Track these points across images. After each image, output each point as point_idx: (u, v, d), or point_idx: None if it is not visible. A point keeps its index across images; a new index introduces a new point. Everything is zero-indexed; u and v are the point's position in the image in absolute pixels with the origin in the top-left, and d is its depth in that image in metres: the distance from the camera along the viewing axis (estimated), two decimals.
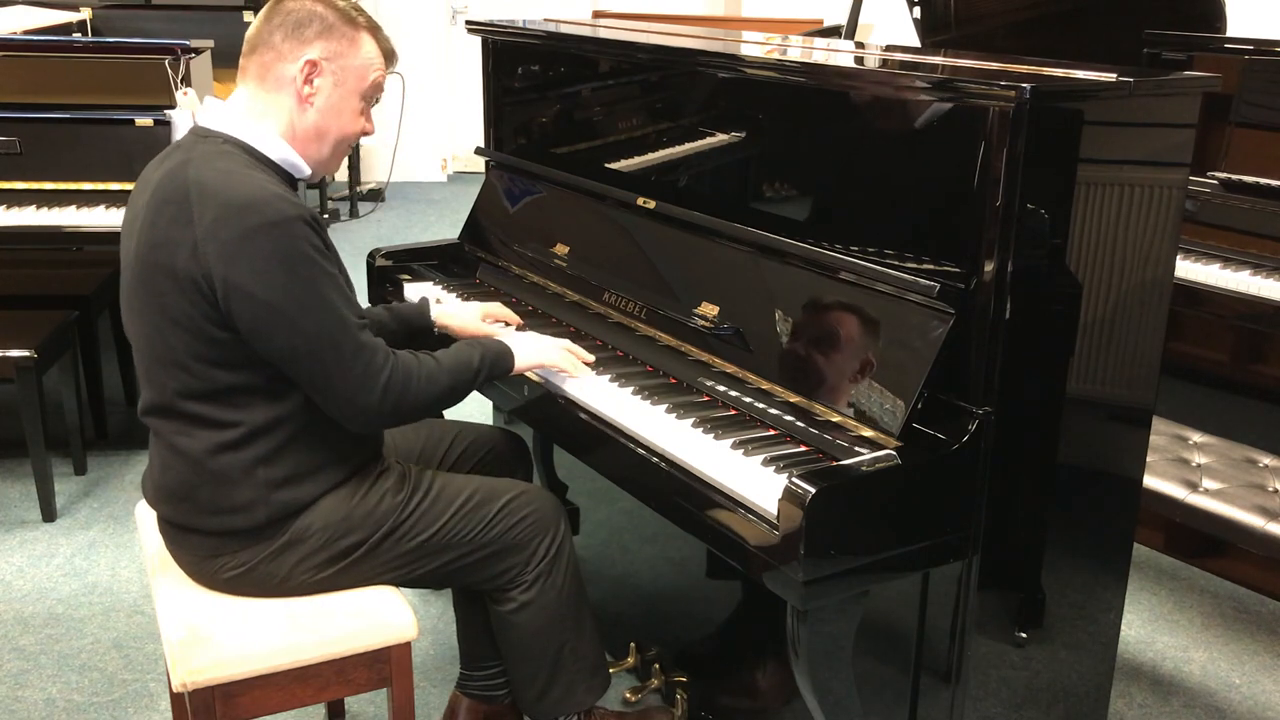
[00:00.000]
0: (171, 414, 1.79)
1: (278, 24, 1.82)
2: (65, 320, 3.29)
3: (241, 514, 1.80)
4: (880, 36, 6.13)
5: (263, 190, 1.70)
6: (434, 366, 1.87)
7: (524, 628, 1.98)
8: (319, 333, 1.71)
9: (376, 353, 1.77)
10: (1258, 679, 2.63)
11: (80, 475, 3.47)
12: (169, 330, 1.74)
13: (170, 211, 1.72)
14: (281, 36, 1.81)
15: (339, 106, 1.86)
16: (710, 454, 1.74)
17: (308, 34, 1.81)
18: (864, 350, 1.75)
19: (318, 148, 1.88)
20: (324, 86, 1.83)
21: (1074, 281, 1.71)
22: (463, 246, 2.70)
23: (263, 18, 1.85)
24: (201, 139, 1.81)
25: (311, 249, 1.70)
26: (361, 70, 1.86)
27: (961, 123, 1.66)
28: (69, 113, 3.41)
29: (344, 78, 1.85)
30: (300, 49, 1.81)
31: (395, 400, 1.79)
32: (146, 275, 1.75)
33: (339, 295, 1.74)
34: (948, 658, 1.77)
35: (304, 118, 1.84)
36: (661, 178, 2.34)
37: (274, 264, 1.67)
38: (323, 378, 1.74)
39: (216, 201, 1.69)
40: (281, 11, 1.83)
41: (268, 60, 1.82)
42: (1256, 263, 2.90)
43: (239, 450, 1.78)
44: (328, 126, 1.86)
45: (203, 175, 1.72)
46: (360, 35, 1.85)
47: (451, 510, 1.92)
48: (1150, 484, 2.34)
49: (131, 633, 2.70)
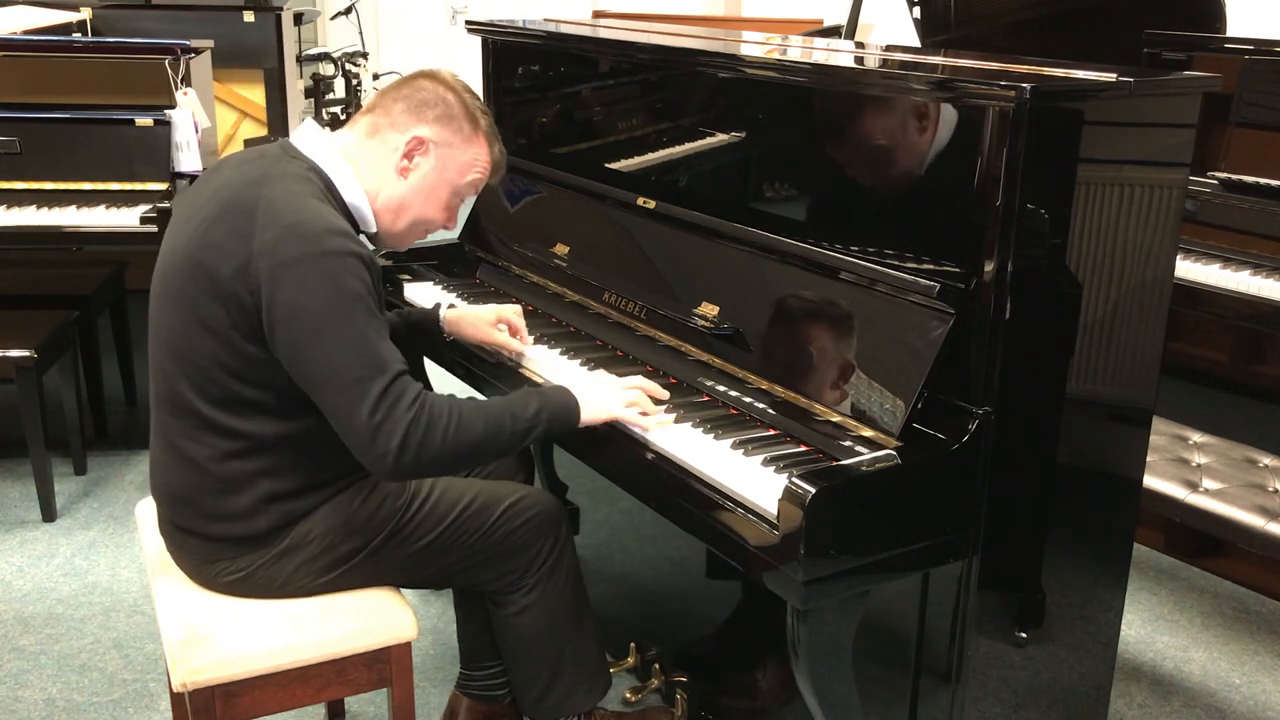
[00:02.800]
0: (180, 412, 1.78)
1: (404, 95, 1.86)
2: (65, 320, 3.29)
3: (243, 521, 1.80)
4: (880, 36, 6.13)
5: (327, 222, 1.70)
6: (471, 413, 1.73)
7: (525, 630, 1.98)
8: (349, 367, 1.66)
9: (404, 398, 1.67)
10: (1258, 679, 2.63)
11: (80, 475, 3.47)
12: (195, 331, 1.72)
13: (232, 219, 1.70)
14: (403, 108, 1.85)
15: (429, 190, 1.88)
16: (710, 454, 1.74)
17: (428, 114, 1.85)
18: (864, 350, 1.75)
19: (393, 219, 1.89)
20: (423, 166, 1.86)
21: (1074, 281, 1.71)
22: (463, 246, 2.70)
23: (395, 84, 1.90)
24: (288, 158, 1.80)
25: (362, 286, 1.68)
26: (465, 166, 1.90)
27: (961, 123, 1.66)
28: (69, 113, 3.41)
29: (445, 166, 1.87)
30: (415, 124, 1.85)
31: (416, 449, 1.67)
32: (188, 271, 1.73)
33: (380, 336, 1.69)
34: (948, 658, 1.77)
35: (393, 186, 1.86)
36: (661, 178, 2.34)
37: (322, 292, 1.65)
38: (346, 412, 1.67)
39: (281, 223, 1.67)
40: (412, 86, 1.87)
41: (380, 123, 1.86)
42: (1256, 263, 2.90)
43: (244, 460, 1.77)
44: (411, 204, 1.88)
45: (275, 194, 1.71)
46: (478, 136, 1.90)
47: (453, 514, 1.91)
48: (1150, 484, 2.34)
49: (131, 633, 2.70)
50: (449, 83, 1.90)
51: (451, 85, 1.90)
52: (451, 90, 1.88)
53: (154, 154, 3.41)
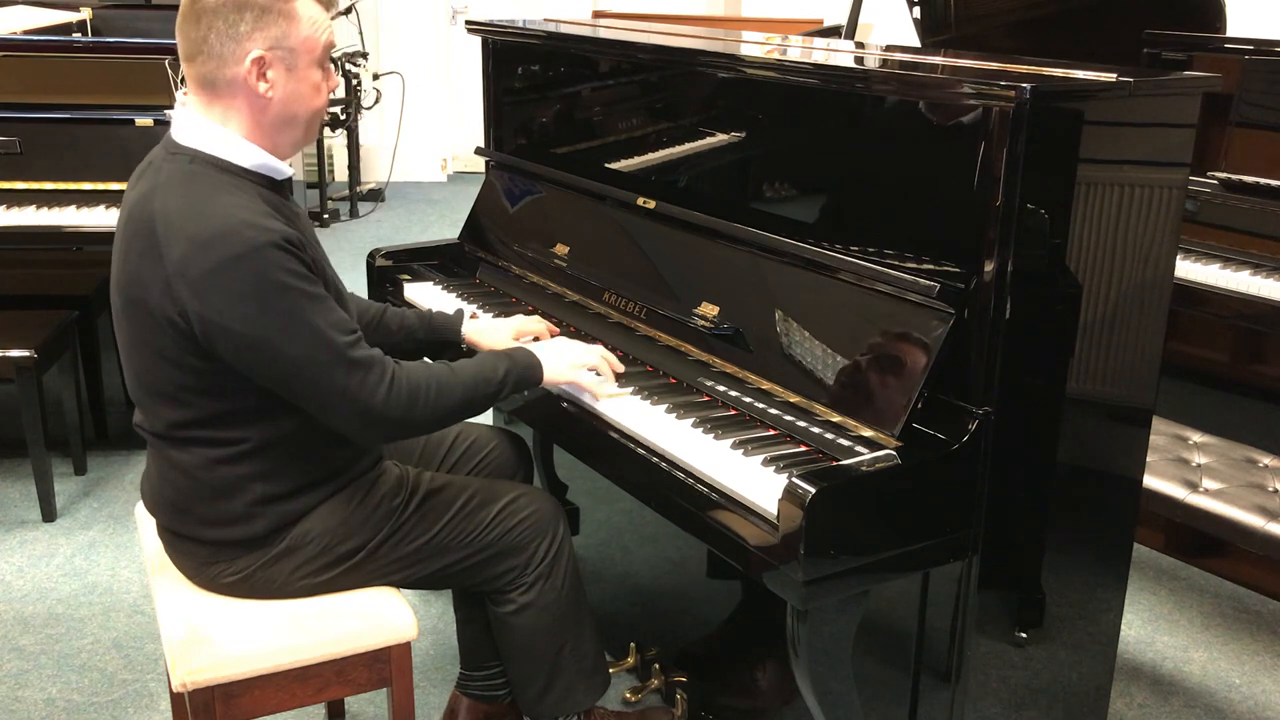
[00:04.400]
0: (163, 429, 1.78)
1: (206, 25, 1.67)
2: (65, 320, 3.29)
3: (239, 525, 1.80)
4: (880, 36, 6.13)
5: (229, 219, 1.62)
6: (447, 377, 1.80)
7: (524, 629, 1.98)
8: (305, 358, 1.65)
9: (371, 368, 1.70)
10: (1258, 679, 2.63)
11: (80, 475, 3.47)
12: (154, 363, 1.71)
13: (139, 246, 1.66)
14: (215, 36, 1.67)
15: (299, 89, 1.74)
16: (710, 454, 1.74)
17: (242, 29, 1.67)
18: (864, 350, 1.75)
19: (290, 134, 1.77)
20: (278, 77, 1.71)
21: (1074, 281, 1.71)
22: (463, 246, 2.70)
23: (186, 19, 1.70)
24: (170, 156, 1.73)
25: (286, 274, 1.63)
26: (309, 42, 1.73)
27: (961, 123, 1.66)
28: (69, 113, 3.41)
29: (294, 59, 1.72)
30: (240, 47, 1.67)
31: (401, 413, 1.72)
32: (128, 308, 1.71)
33: (322, 316, 1.66)
34: (948, 658, 1.77)
35: (266, 113, 1.73)
36: (661, 178, 2.34)
37: (247, 297, 1.61)
38: (318, 398, 1.69)
39: (183, 236, 1.61)
40: (206, 10, 1.67)
41: (209, 68, 1.69)
42: (1256, 263, 2.90)
43: (235, 465, 1.77)
44: (294, 111, 1.75)
45: (168, 206, 1.65)
46: (293, 6, 1.70)
47: (450, 513, 1.92)
48: (1150, 484, 2.34)
49: (131, 633, 2.69)
50: None
51: None
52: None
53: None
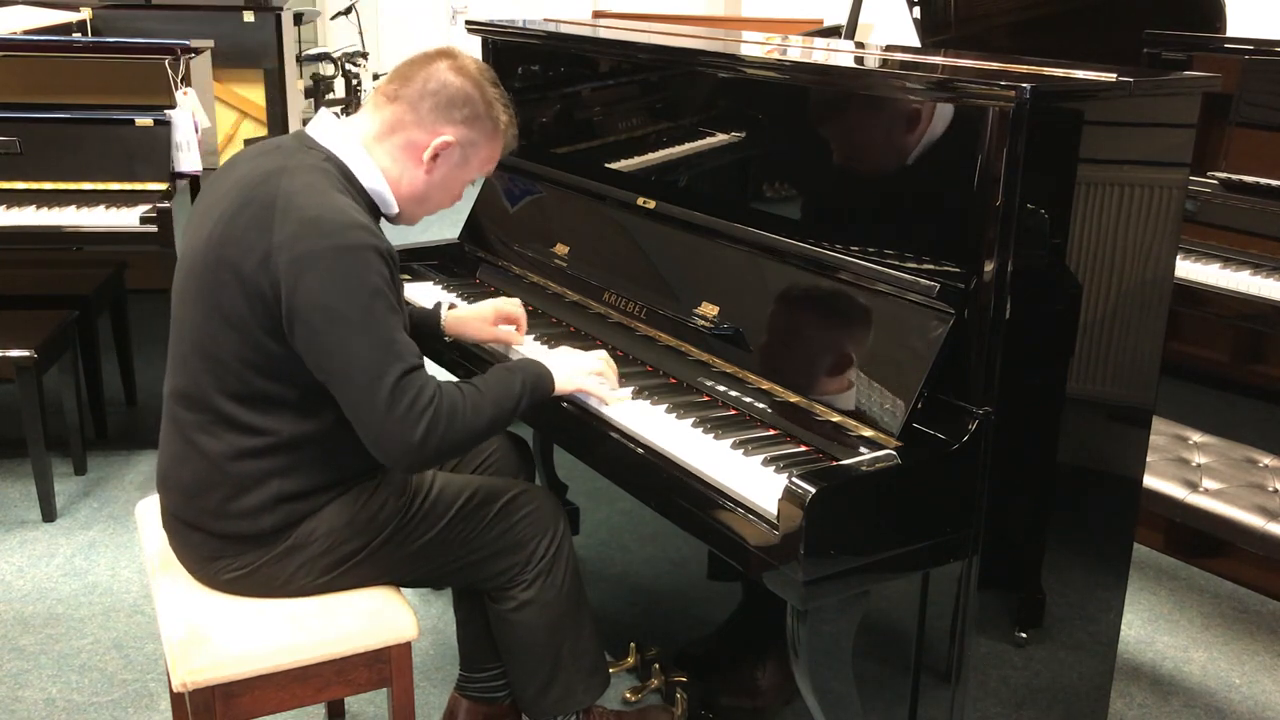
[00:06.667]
0: (200, 407, 1.79)
1: (431, 91, 1.83)
2: (65, 320, 3.29)
3: (248, 519, 1.80)
4: (880, 36, 6.13)
5: (346, 215, 1.70)
6: (478, 399, 1.79)
7: (523, 627, 1.99)
8: (370, 362, 1.67)
9: (423, 391, 1.71)
10: (1258, 679, 2.63)
11: (80, 475, 3.47)
12: (219, 327, 1.73)
13: (252, 213, 1.71)
14: (430, 106, 1.84)
15: (451, 183, 1.92)
16: (710, 454, 1.74)
17: (455, 115, 1.85)
18: (864, 350, 1.75)
19: (414, 207, 1.92)
20: (448, 163, 1.88)
21: (1074, 281, 1.71)
22: (463, 246, 2.70)
23: (415, 69, 1.86)
24: (305, 149, 1.81)
25: (381, 280, 1.69)
26: (485, 161, 1.94)
27: (961, 123, 1.66)
28: (69, 113, 3.41)
29: (468, 163, 1.91)
30: (443, 126, 1.85)
31: (437, 442, 1.71)
32: (211, 266, 1.74)
33: (398, 331, 1.71)
34: (948, 658, 1.77)
35: (415, 180, 1.88)
36: (661, 178, 2.34)
37: (340, 286, 1.66)
38: (367, 407, 1.69)
39: (300, 216, 1.68)
40: (438, 80, 1.84)
41: (406, 120, 1.84)
42: (1256, 263, 2.90)
43: (260, 459, 1.78)
44: (433, 195, 1.91)
45: (294, 187, 1.72)
46: (498, 134, 1.91)
47: (452, 511, 1.92)
48: (1150, 484, 2.34)
49: (131, 633, 2.70)
50: (473, 75, 1.87)
51: (476, 78, 1.87)
52: (477, 86, 1.87)
53: (154, 154, 3.41)
